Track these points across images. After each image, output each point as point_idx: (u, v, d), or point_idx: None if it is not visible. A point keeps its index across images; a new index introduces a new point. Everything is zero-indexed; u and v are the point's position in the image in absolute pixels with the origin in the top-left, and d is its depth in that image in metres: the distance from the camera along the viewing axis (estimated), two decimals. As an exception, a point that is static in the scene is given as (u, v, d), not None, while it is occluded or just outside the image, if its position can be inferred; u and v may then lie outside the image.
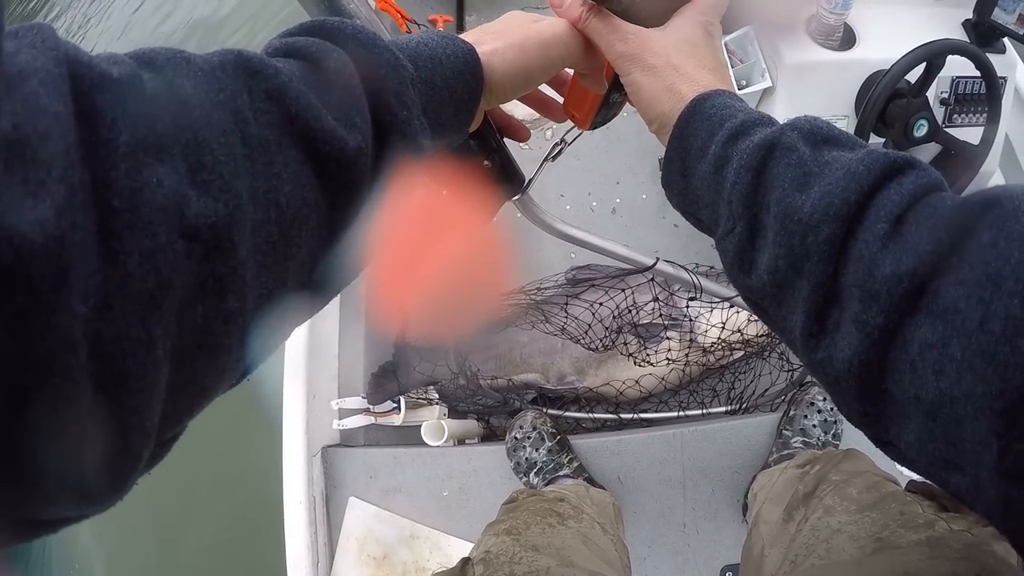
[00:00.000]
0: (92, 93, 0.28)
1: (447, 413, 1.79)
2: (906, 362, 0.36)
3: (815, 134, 0.45)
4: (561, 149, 0.73)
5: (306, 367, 1.75)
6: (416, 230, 0.52)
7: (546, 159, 0.73)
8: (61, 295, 0.24)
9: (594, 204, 1.95)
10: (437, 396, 1.79)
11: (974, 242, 0.33)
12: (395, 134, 0.44)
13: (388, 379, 1.81)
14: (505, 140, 0.68)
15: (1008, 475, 0.31)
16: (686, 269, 0.98)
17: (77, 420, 0.25)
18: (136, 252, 0.27)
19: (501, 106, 0.65)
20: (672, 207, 0.58)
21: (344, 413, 1.81)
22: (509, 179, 0.69)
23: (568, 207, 1.93)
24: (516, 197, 0.71)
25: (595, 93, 0.63)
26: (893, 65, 1.30)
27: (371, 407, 1.81)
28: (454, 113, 0.51)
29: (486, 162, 0.66)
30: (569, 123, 0.69)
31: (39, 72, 0.25)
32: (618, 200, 1.94)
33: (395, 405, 1.78)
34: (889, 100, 1.37)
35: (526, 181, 0.71)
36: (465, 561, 0.86)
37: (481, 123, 0.62)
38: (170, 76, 0.32)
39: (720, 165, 0.48)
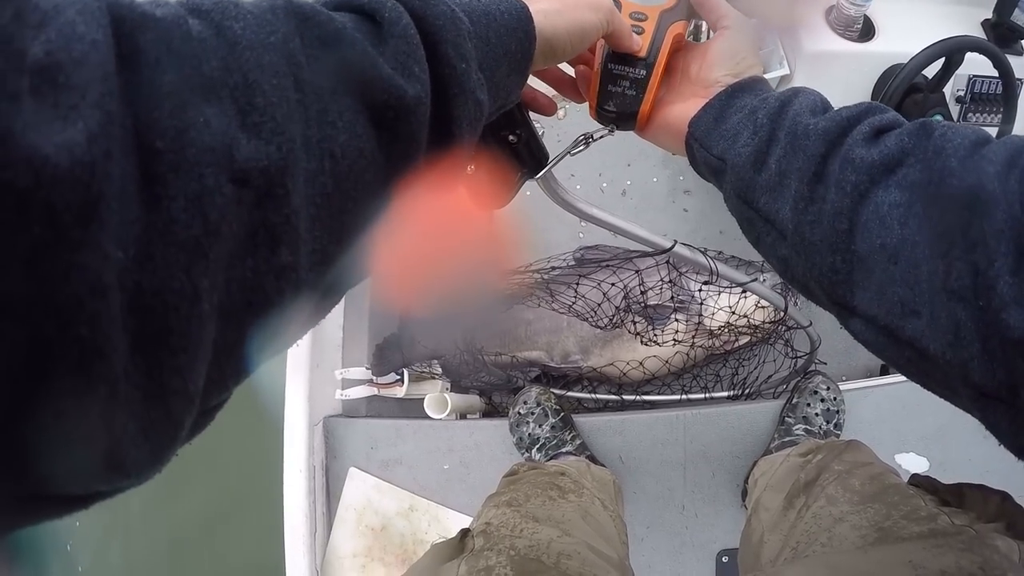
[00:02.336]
0: (135, 34, 0.26)
1: (450, 387, 1.80)
2: (876, 219, 0.44)
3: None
4: (587, 144, 0.72)
5: (310, 336, 1.74)
6: (439, 205, 0.51)
7: (567, 151, 0.71)
8: (88, 230, 0.22)
9: (604, 185, 1.94)
10: (440, 370, 1.80)
11: (931, 137, 0.44)
12: (454, 87, 0.42)
13: (392, 351, 1.81)
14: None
15: (955, 294, 0.37)
16: (704, 253, 0.98)
17: (109, 380, 0.23)
18: (181, 196, 0.25)
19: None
20: (684, 151, 0.65)
21: (347, 383, 1.82)
22: (534, 155, 0.68)
23: (578, 187, 1.93)
24: (539, 175, 0.70)
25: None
26: (912, 58, 1.30)
27: (374, 378, 1.82)
28: (508, 72, 0.50)
29: (512, 137, 0.64)
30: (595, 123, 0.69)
31: (76, 4, 0.23)
32: (628, 182, 1.94)
33: (398, 377, 1.79)
34: (906, 94, 1.36)
35: (550, 160, 0.70)
36: (465, 532, 0.86)
37: None
38: (217, 19, 0.30)
39: (754, 110, 0.57)
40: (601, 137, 0.70)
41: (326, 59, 0.35)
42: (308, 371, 1.72)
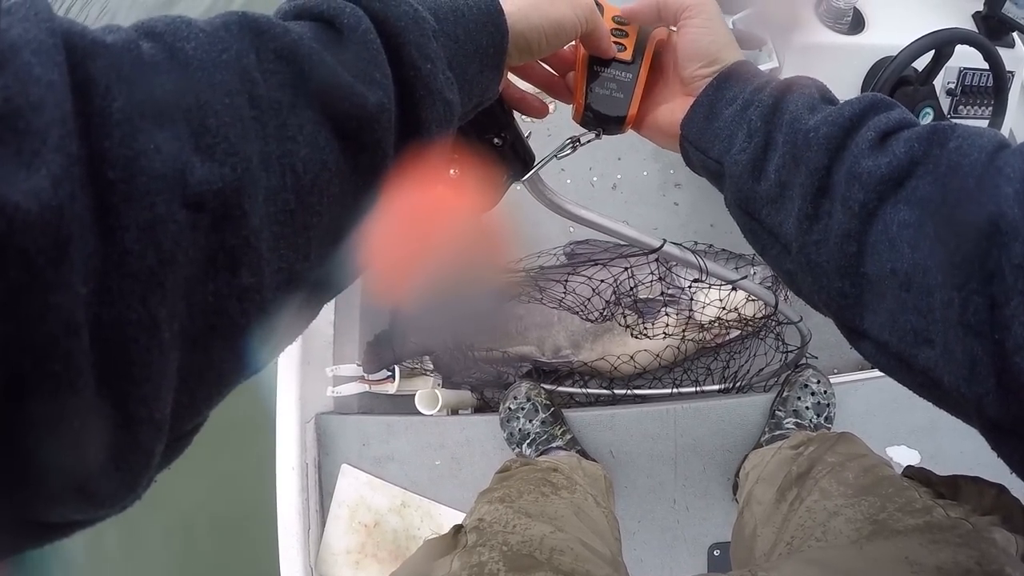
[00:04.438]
0: (86, 62, 0.26)
1: (441, 383, 1.79)
2: (885, 240, 0.42)
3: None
4: (575, 148, 0.71)
5: (301, 333, 1.74)
6: (421, 208, 0.50)
7: (553, 155, 0.71)
8: (60, 271, 0.22)
9: (595, 179, 1.94)
10: (432, 366, 1.79)
11: (944, 148, 0.41)
12: (420, 89, 0.41)
13: (383, 348, 1.80)
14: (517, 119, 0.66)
15: (972, 328, 0.36)
16: (693, 252, 0.98)
17: (80, 412, 0.24)
18: (133, 225, 0.25)
19: (517, 83, 0.64)
20: (680, 154, 0.65)
21: (338, 380, 1.82)
22: (520, 157, 0.67)
23: (569, 181, 1.93)
24: (525, 178, 0.70)
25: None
26: (902, 51, 1.29)
27: (366, 375, 1.81)
28: (480, 69, 0.49)
29: (496, 140, 0.64)
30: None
31: (31, 43, 0.24)
32: (619, 176, 1.94)
33: (389, 373, 1.79)
34: (896, 86, 1.36)
35: (536, 163, 0.69)
36: (458, 528, 0.86)
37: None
38: (170, 41, 0.30)
39: (746, 106, 0.55)
40: (588, 142, 0.69)
41: (283, 73, 0.34)
42: (299, 368, 1.72)
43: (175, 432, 0.29)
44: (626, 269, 1.48)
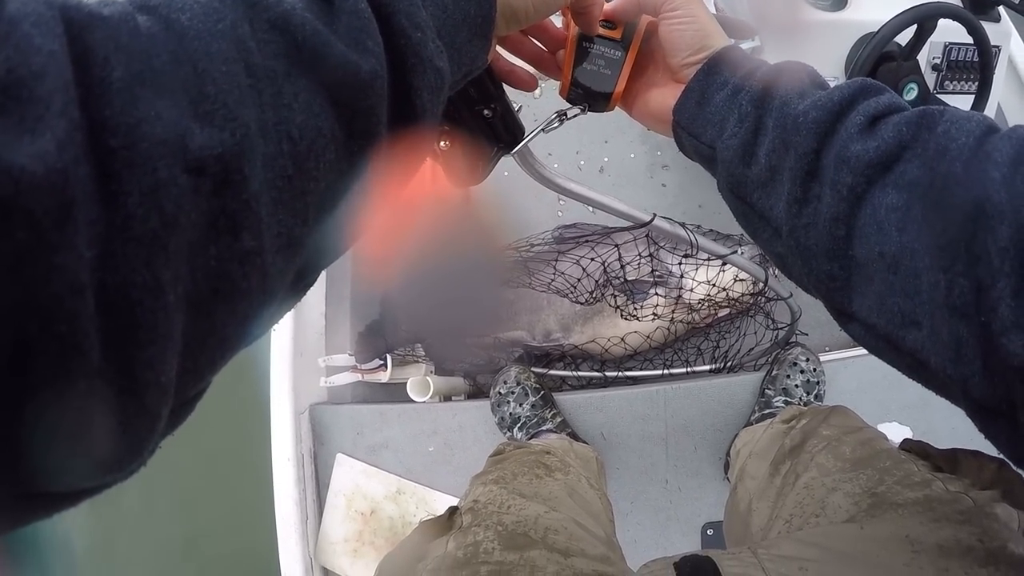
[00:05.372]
0: (83, 34, 0.26)
1: (433, 370, 1.80)
2: (873, 224, 0.43)
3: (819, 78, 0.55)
4: (562, 121, 0.71)
5: (293, 324, 1.75)
6: (409, 185, 0.51)
7: (541, 128, 0.71)
8: (64, 233, 0.23)
9: (582, 163, 1.94)
10: (423, 353, 1.80)
11: (933, 132, 0.42)
12: (411, 57, 0.42)
13: (375, 337, 1.80)
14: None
15: (957, 310, 0.36)
16: (683, 226, 0.98)
17: (87, 376, 0.24)
18: (136, 191, 0.26)
19: (506, 56, 0.64)
20: (673, 137, 0.64)
21: (331, 371, 1.82)
22: (509, 130, 0.67)
23: (556, 165, 1.91)
24: (515, 150, 0.70)
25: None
26: (883, 26, 1.29)
27: (358, 364, 1.81)
28: (469, 38, 0.49)
29: (486, 111, 0.64)
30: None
31: (30, 16, 0.24)
32: (606, 159, 1.93)
33: (382, 362, 1.79)
34: (879, 62, 1.36)
35: (525, 135, 0.69)
36: (453, 510, 0.86)
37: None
38: (165, 12, 0.31)
39: (737, 91, 0.55)
40: (575, 116, 0.69)
41: (277, 42, 0.35)
42: (291, 360, 1.73)
43: (179, 398, 0.30)
44: (616, 247, 1.48)
